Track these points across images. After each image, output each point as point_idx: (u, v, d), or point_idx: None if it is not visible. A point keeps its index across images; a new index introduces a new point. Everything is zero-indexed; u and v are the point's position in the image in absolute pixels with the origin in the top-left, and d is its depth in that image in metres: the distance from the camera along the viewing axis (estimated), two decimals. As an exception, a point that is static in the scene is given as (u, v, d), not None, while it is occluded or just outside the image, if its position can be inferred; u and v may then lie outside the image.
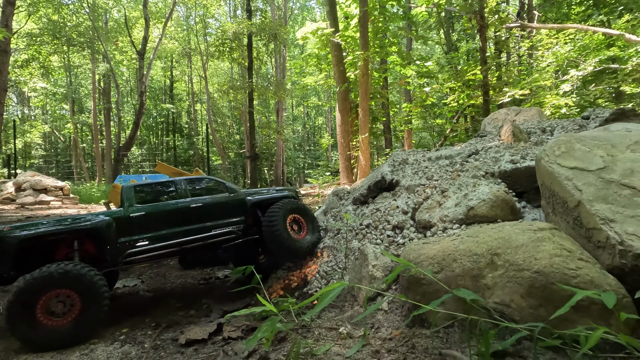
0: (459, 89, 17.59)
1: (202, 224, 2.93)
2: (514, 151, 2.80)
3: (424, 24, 23.05)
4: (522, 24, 18.46)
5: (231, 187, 3.28)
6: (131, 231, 2.70)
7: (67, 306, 2.25)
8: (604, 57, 14.30)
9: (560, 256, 1.62)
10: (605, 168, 1.85)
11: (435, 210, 2.51)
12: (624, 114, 3.06)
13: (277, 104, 33.80)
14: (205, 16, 35.18)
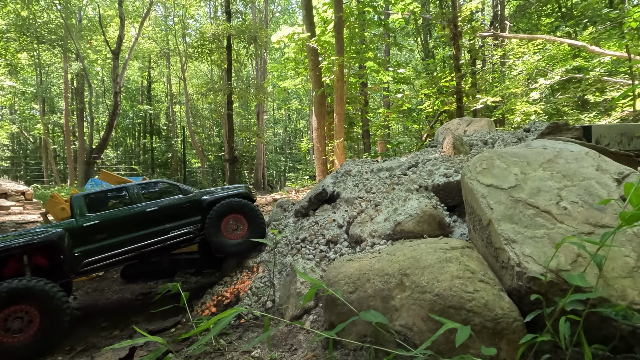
0: (433, 95, 17.92)
1: (159, 226, 2.95)
2: (449, 164, 2.82)
3: (402, 31, 23.41)
4: (494, 33, 19.01)
5: (185, 189, 3.32)
6: (86, 241, 2.66)
7: (25, 322, 2.19)
8: (570, 67, 14.86)
9: (462, 278, 1.61)
10: (517, 187, 1.86)
11: (366, 225, 2.49)
12: (557, 127, 3.15)
13: (257, 107, 33.53)
14: (185, 17, 34.60)
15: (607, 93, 14.22)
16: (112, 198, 2.99)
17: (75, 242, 2.63)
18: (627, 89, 11.33)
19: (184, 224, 3.07)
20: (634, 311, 1.25)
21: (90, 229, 2.70)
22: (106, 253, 2.72)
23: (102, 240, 2.72)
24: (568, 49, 15.75)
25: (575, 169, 1.87)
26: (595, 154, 1.99)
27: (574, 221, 1.60)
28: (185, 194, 3.24)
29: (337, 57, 12.80)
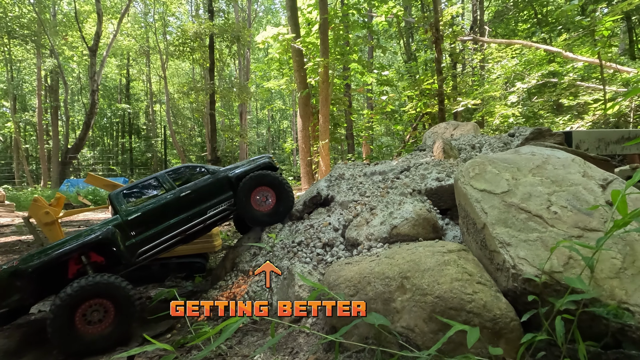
0: (416, 97, 18.26)
1: (196, 208, 3.08)
2: (440, 168, 2.91)
3: (385, 33, 23.73)
4: (474, 37, 19.55)
5: (212, 169, 3.41)
6: (134, 233, 2.83)
7: (102, 314, 2.42)
8: (545, 72, 15.42)
9: (461, 280, 1.68)
10: (509, 192, 1.95)
11: (363, 228, 2.54)
12: (541, 133, 3.30)
13: (240, 107, 33.19)
14: (165, 14, 33.83)
15: (580, 97, 14.84)
16: (146, 189, 3.11)
17: (125, 236, 2.79)
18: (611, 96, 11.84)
19: (218, 202, 3.18)
20: (623, 310, 1.34)
21: (135, 222, 2.85)
22: (155, 241, 2.91)
23: (148, 229, 2.88)
24: (544, 54, 16.39)
25: (563, 175, 1.98)
26: (580, 160, 2.11)
27: (564, 225, 1.70)
28: (213, 173, 3.32)
29: (322, 59, 12.85)
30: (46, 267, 2.44)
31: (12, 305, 2.50)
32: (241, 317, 1.38)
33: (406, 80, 20.75)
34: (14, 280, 2.41)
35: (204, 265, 3.97)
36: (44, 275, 2.50)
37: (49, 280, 2.52)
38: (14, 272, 2.41)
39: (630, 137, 3.54)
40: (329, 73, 14.64)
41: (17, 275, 2.40)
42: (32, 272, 2.41)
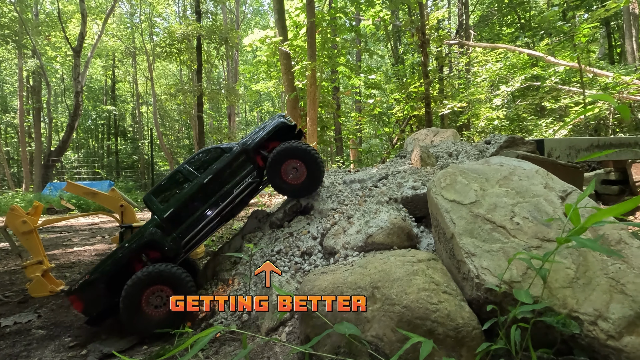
0: (403, 100, 18.48)
1: (222, 190, 3.18)
2: (417, 177, 2.98)
3: (373, 36, 23.95)
4: (460, 41, 19.90)
5: (226, 147, 3.45)
6: (173, 228, 3.03)
7: (164, 298, 2.71)
8: (528, 76, 15.76)
9: (427, 290, 1.75)
10: (476, 202, 2.03)
11: (340, 237, 2.59)
12: (514, 141, 3.41)
13: (229, 109, 32.99)
14: (152, 15, 33.44)
15: (561, 101, 15.21)
16: (172, 184, 3.25)
17: (167, 232, 3.00)
18: (591, 99, 12.11)
19: (241, 179, 3.24)
20: (572, 319, 1.42)
21: (171, 217, 3.03)
22: (194, 229, 3.08)
23: (184, 221, 3.06)
24: (527, 58, 16.78)
25: (527, 187, 2.06)
26: (543, 172, 2.21)
27: (524, 236, 1.78)
28: (229, 151, 3.35)
29: (310, 62, 12.91)
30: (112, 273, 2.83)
31: (98, 310, 2.90)
32: (216, 328, 1.42)
33: (394, 83, 20.99)
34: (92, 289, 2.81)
35: (186, 273, 3.96)
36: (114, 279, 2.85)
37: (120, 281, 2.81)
38: (90, 282, 2.80)
39: (599, 144, 3.69)
40: (317, 76, 14.71)
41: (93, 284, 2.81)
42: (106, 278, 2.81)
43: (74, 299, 2.78)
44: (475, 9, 25.00)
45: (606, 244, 1.67)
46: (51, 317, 3.18)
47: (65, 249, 6.27)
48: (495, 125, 18.88)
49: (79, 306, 2.80)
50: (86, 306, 2.81)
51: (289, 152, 3.10)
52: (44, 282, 3.76)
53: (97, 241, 7.22)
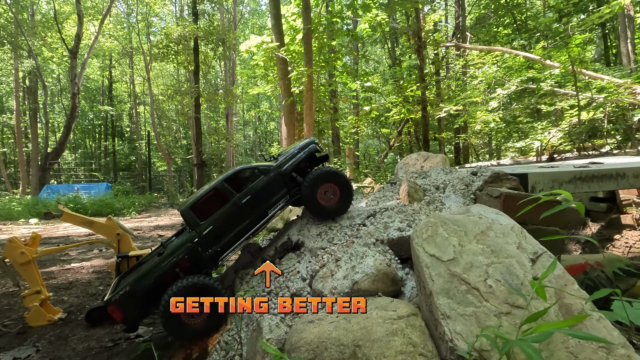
0: (400, 103, 18.56)
1: (258, 211, 3.34)
2: (403, 217, 3.09)
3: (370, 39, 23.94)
4: (456, 44, 19.94)
5: (264, 168, 3.54)
6: (210, 244, 3.17)
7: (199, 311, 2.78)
8: (524, 78, 15.81)
9: (404, 353, 1.86)
10: (454, 260, 2.13)
11: (327, 281, 2.69)
12: (498, 177, 3.52)
13: (226, 109, 32.98)
14: (149, 15, 33.26)
15: (557, 104, 15.27)
16: (209, 200, 3.33)
17: (204, 249, 3.14)
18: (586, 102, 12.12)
19: (276, 200, 3.41)
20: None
21: (209, 235, 3.17)
22: (229, 247, 3.24)
23: (221, 239, 3.21)
24: (523, 60, 16.84)
25: (501, 245, 2.17)
26: (518, 229, 2.32)
27: (496, 300, 1.89)
28: (266, 173, 3.48)
29: (306, 68, 12.96)
30: (153, 286, 3.00)
31: (138, 319, 3.09)
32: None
33: (391, 85, 21.04)
34: (132, 299, 2.96)
35: (181, 301, 4.06)
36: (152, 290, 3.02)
37: (157, 291, 3.00)
38: (130, 293, 2.95)
39: (582, 176, 3.80)
40: (313, 81, 14.75)
41: (133, 295, 2.96)
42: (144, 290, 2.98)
43: (114, 309, 2.93)
44: (472, 11, 25.00)
45: (569, 315, 1.79)
46: (49, 350, 3.28)
47: (62, 265, 6.36)
48: (491, 128, 19.00)
49: (118, 316, 2.96)
50: (125, 315, 2.98)
51: (324, 177, 3.34)
52: (42, 311, 3.87)
53: (95, 255, 7.32)
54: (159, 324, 3.76)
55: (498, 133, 19.96)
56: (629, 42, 16.32)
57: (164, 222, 11.97)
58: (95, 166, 33.62)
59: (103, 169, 34.64)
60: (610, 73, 15.19)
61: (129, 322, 3.04)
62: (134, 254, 3.99)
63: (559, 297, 1.86)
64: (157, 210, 19.11)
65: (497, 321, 1.80)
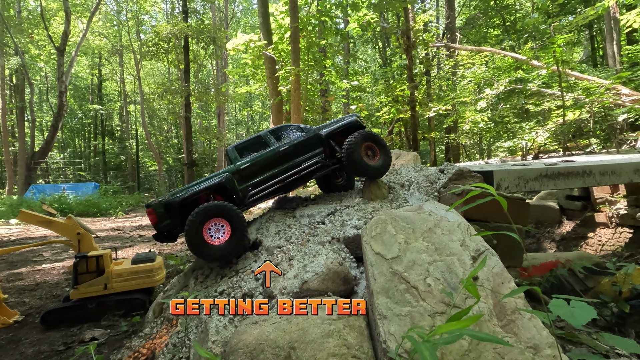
0: (389, 103, 18.54)
1: (293, 160, 3.66)
2: (361, 214, 3.02)
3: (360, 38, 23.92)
4: (446, 44, 19.98)
5: (305, 128, 3.97)
6: (245, 179, 3.48)
7: (222, 231, 3.10)
8: (512, 79, 15.86)
9: (336, 355, 1.79)
10: (398, 257, 2.07)
11: (279, 280, 2.61)
12: (462, 174, 3.47)
13: (218, 108, 32.76)
14: (139, 12, 32.90)
15: (544, 104, 15.33)
16: (252, 145, 3.70)
17: (239, 181, 3.45)
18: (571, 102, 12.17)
19: (311, 156, 3.73)
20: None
21: (246, 170, 3.49)
22: (261, 186, 3.51)
23: (255, 177, 3.51)
24: (511, 61, 16.91)
25: (446, 242, 2.11)
26: (464, 226, 2.26)
27: (433, 299, 1.83)
28: (306, 131, 3.87)
29: (293, 67, 12.87)
30: (187, 201, 3.25)
31: (165, 228, 3.27)
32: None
33: (381, 85, 21.02)
34: (166, 209, 3.22)
35: (144, 302, 3.96)
36: (185, 208, 3.26)
37: (187, 211, 3.22)
38: (166, 203, 3.22)
39: (548, 174, 3.76)
40: (302, 80, 14.66)
41: (168, 205, 3.22)
42: (179, 203, 3.21)
43: (151, 212, 3.23)
44: (462, 11, 25.09)
45: (502, 314, 1.73)
46: (1, 352, 3.17)
47: (32, 267, 6.21)
48: (480, 128, 19.04)
49: (153, 219, 3.24)
50: (158, 221, 3.23)
51: (365, 136, 3.65)
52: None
53: (69, 256, 7.16)
54: (117, 326, 3.67)
55: (487, 133, 20.04)
56: (615, 43, 16.46)
57: (148, 222, 11.80)
58: (84, 166, 33.21)
59: (92, 169, 34.21)
60: (596, 74, 15.32)
61: (159, 228, 3.27)
62: (94, 254, 3.88)
63: (495, 296, 1.80)
64: (145, 211, 18.88)
65: (430, 321, 1.74)
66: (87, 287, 3.82)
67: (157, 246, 7.88)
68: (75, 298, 3.84)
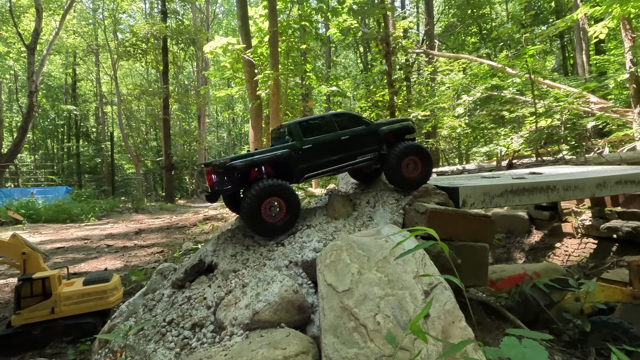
0: (369, 108, 18.61)
1: (349, 152, 3.70)
2: (322, 235, 2.91)
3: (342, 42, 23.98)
4: (425, 50, 20.26)
5: (366, 121, 3.94)
6: (304, 159, 3.50)
7: (278, 209, 3.23)
8: (489, 85, 16.18)
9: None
10: (349, 290, 1.97)
11: (230, 309, 2.46)
12: (427, 192, 3.42)
13: (198, 111, 32.15)
14: (116, 11, 31.93)
15: (518, 111, 15.69)
16: (316, 125, 3.70)
17: (297, 160, 3.47)
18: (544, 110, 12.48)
19: (366, 151, 3.76)
20: None
21: (306, 151, 3.52)
22: (316, 170, 3.59)
23: (314, 159, 3.56)
24: (487, 68, 17.28)
25: (399, 274, 2.02)
26: (420, 255, 2.18)
27: (380, 340, 1.73)
28: (367, 125, 3.87)
29: (272, 72, 12.71)
30: (247, 167, 3.32)
31: (220, 190, 3.32)
32: None
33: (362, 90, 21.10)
34: (228, 171, 3.27)
35: (97, 326, 3.70)
36: (243, 172, 3.33)
37: (243, 177, 3.33)
38: (229, 166, 3.26)
39: (513, 190, 3.76)
40: (281, 85, 14.50)
41: (230, 168, 3.27)
42: (240, 168, 3.28)
43: (210, 172, 3.29)
44: (440, 19, 25.52)
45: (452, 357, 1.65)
46: None
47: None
48: (458, 133, 19.35)
49: (210, 179, 3.30)
50: (215, 182, 3.28)
51: (410, 149, 3.71)
52: None
53: None
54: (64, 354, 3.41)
55: (465, 138, 20.40)
56: (584, 53, 17.07)
57: (119, 230, 11.34)
58: (57, 168, 31.88)
59: (66, 172, 32.89)
60: (566, 82, 15.83)
61: (213, 190, 3.33)
62: (39, 275, 3.61)
63: (445, 336, 1.72)
64: (119, 216, 18.20)
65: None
66: (32, 312, 3.54)
67: (124, 257, 7.55)
68: (18, 324, 3.55)
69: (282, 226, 3.21)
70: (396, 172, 3.60)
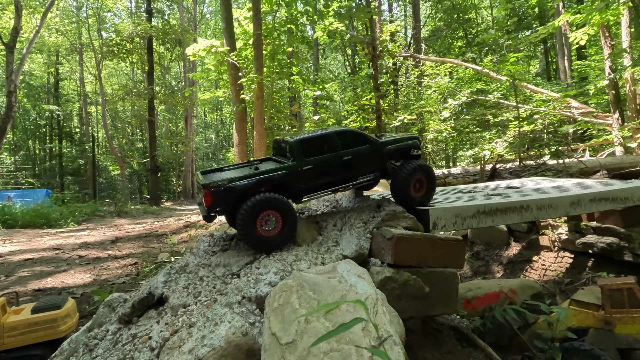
0: (355, 112, 18.53)
1: (352, 172, 3.64)
2: (280, 266, 2.75)
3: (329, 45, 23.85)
4: (412, 54, 20.26)
5: (371, 139, 3.81)
6: (303, 180, 3.42)
7: (274, 223, 3.17)
8: (474, 90, 16.25)
9: None
10: (293, 343, 1.80)
11: (174, 353, 2.27)
12: (395, 215, 3.29)
13: (185, 112, 31.64)
14: (101, 9, 31.21)
15: (502, 115, 15.80)
16: (317, 144, 3.57)
17: (296, 180, 3.38)
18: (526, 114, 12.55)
19: (368, 172, 3.72)
20: None
21: (306, 172, 3.42)
22: (315, 191, 3.54)
23: (313, 180, 3.47)
24: (473, 72, 17.37)
25: (347, 323, 1.87)
26: (373, 299, 2.03)
27: (318, 407, 1.58)
28: (371, 144, 3.75)
29: (256, 75, 12.50)
30: (246, 189, 3.22)
31: (219, 212, 3.26)
32: None
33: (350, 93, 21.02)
34: (226, 192, 3.17)
35: (44, 359, 3.45)
36: (240, 196, 3.22)
37: (242, 197, 3.21)
38: (228, 188, 3.17)
39: (485, 210, 3.66)
40: (266, 89, 14.27)
41: (228, 190, 3.17)
42: (241, 191, 3.20)
43: (208, 194, 3.17)
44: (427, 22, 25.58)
45: None
46: None
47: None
48: (443, 137, 19.40)
49: (208, 201, 3.17)
50: (213, 203, 3.17)
51: (420, 170, 3.65)
52: None
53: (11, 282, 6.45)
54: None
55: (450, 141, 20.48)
56: (566, 58, 17.27)
57: (94, 238, 10.97)
58: (39, 170, 31.04)
59: (48, 173, 32.02)
60: (549, 87, 16.00)
61: (213, 211, 3.22)
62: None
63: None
64: (100, 220, 17.69)
65: None
66: (-29, 346, 3.29)
67: (94, 270, 7.25)
68: (-46, 360, 3.30)
69: (279, 240, 3.17)
70: (405, 189, 3.58)
